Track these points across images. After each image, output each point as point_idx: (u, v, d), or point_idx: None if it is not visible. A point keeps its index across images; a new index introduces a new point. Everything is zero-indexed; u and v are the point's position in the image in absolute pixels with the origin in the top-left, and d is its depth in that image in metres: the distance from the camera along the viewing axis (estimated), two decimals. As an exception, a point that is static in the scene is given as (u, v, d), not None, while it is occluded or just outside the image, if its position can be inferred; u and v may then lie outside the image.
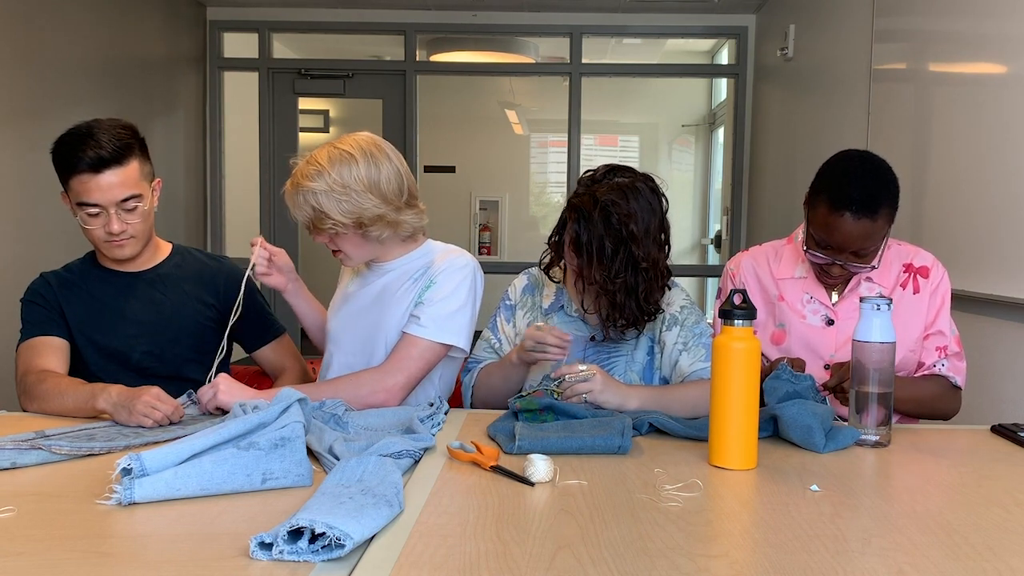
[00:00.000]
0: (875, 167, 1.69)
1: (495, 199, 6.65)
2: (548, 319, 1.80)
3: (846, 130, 3.46)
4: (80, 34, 3.81)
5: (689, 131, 6.78)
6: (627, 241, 1.61)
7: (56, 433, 1.40)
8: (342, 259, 1.74)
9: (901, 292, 1.80)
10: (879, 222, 1.64)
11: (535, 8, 5.10)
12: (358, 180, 1.61)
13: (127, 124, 1.77)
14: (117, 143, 1.70)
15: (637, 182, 1.66)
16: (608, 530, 1.01)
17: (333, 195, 1.60)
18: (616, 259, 1.62)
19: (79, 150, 1.68)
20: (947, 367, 1.78)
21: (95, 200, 1.69)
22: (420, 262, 1.75)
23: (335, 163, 1.61)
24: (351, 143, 1.65)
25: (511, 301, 1.87)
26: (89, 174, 1.68)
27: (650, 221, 1.65)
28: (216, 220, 5.21)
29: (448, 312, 1.67)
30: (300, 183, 1.61)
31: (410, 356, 1.65)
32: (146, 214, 1.77)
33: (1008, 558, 0.94)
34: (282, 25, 5.27)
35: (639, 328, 1.72)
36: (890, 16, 3.13)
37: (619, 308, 1.66)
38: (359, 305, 1.77)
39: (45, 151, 1.76)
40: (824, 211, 1.66)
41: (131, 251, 1.79)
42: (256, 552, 0.90)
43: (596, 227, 1.61)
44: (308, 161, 1.64)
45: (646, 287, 1.66)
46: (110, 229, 1.71)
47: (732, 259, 1.96)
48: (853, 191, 1.62)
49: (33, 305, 1.80)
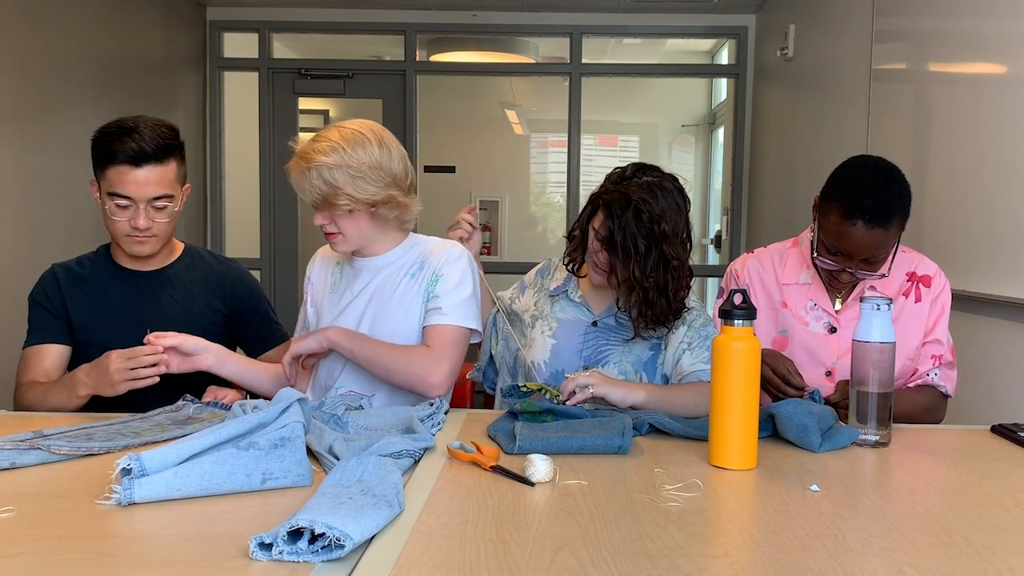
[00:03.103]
0: (889, 176, 1.67)
1: (495, 199, 6.64)
2: (554, 301, 1.85)
3: (846, 130, 3.45)
4: (80, 34, 3.81)
5: (689, 131, 6.77)
6: (659, 240, 1.64)
7: (55, 433, 1.40)
8: (336, 242, 1.70)
9: (903, 301, 1.80)
10: (891, 231, 1.63)
11: (535, 8, 5.10)
12: (373, 158, 1.62)
13: (172, 126, 1.80)
14: (160, 141, 1.73)
15: (664, 181, 1.69)
16: (608, 530, 1.00)
17: (349, 170, 1.60)
18: (649, 258, 1.64)
19: (122, 141, 1.70)
20: (939, 376, 1.78)
21: (128, 193, 1.71)
22: (411, 256, 1.76)
23: (349, 141, 1.61)
24: (360, 125, 1.66)
25: (525, 283, 1.96)
26: (128, 166, 1.70)
27: (677, 220, 1.68)
28: (216, 220, 5.20)
29: (463, 299, 1.71)
30: (312, 158, 1.60)
31: (449, 343, 1.66)
32: (173, 215, 1.80)
33: (1008, 558, 0.94)
34: (282, 25, 5.26)
35: (668, 326, 1.74)
36: (890, 16, 3.12)
37: (651, 305, 1.68)
38: (355, 310, 1.74)
39: (45, 151, 1.78)
40: (836, 219, 1.65)
41: (151, 249, 1.81)
42: (256, 552, 0.90)
43: (629, 225, 1.63)
44: (317, 139, 1.63)
45: (675, 285, 1.68)
46: (136, 224, 1.74)
47: (736, 260, 1.96)
48: (867, 200, 1.61)
49: (38, 307, 1.83)
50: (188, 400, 1.63)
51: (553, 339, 1.78)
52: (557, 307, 1.83)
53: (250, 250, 5.22)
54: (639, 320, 1.71)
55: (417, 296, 1.73)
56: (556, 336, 1.79)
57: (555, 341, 1.78)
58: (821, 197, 1.72)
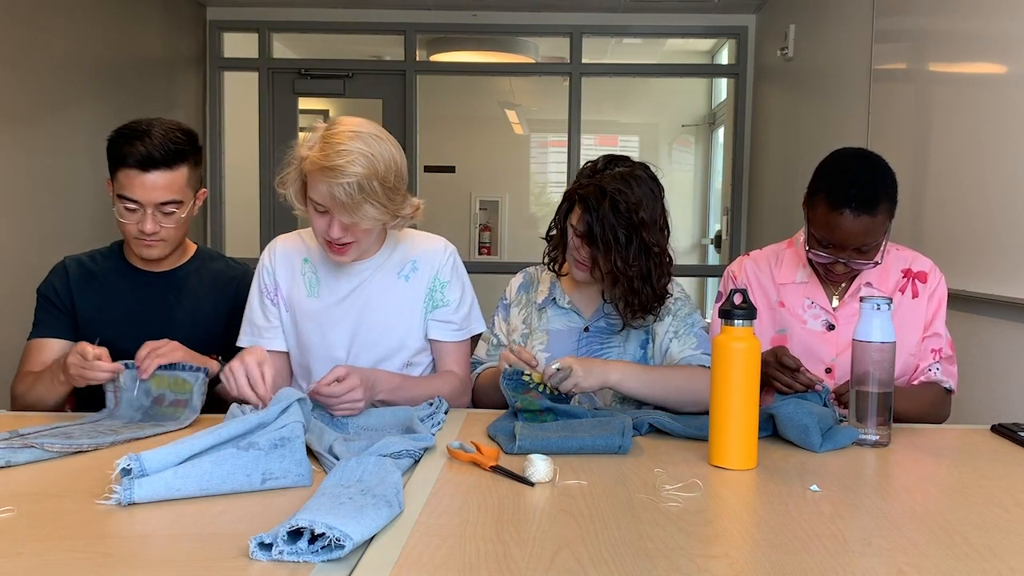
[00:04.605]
0: (871, 163, 1.71)
1: (495, 199, 6.64)
2: (543, 313, 1.83)
3: (846, 130, 3.45)
4: (79, 34, 3.81)
5: (689, 131, 6.77)
6: (639, 228, 1.65)
7: (32, 432, 1.41)
8: (348, 253, 1.64)
9: (900, 297, 1.80)
10: (879, 217, 1.65)
11: (535, 8, 5.10)
12: (399, 165, 1.60)
13: (188, 130, 1.78)
14: (170, 146, 1.71)
15: (637, 170, 1.70)
16: (608, 530, 1.00)
17: (387, 187, 1.56)
18: (630, 247, 1.65)
19: (132, 144, 1.69)
20: (940, 371, 1.78)
21: (136, 196, 1.71)
22: (398, 255, 1.75)
23: (378, 153, 1.54)
24: (370, 126, 1.59)
25: (507, 300, 1.91)
26: (136, 170, 1.69)
27: (654, 208, 1.69)
28: (216, 220, 5.21)
29: (468, 305, 1.79)
30: (349, 171, 1.50)
31: (466, 359, 1.80)
32: (182, 221, 1.79)
33: (1008, 558, 0.94)
34: (282, 25, 5.26)
35: (654, 314, 1.74)
36: (890, 16, 3.12)
37: (636, 294, 1.68)
38: (346, 316, 1.71)
39: (44, 152, 1.78)
40: (823, 210, 1.67)
41: (159, 253, 1.80)
42: (256, 552, 0.90)
43: (607, 217, 1.63)
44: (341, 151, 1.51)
45: (658, 272, 1.69)
46: (143, 228, 1.73)
47: (733, 263, 1.97)
48: (851, 188, 1.63)
49: (46, 301, 1.84)
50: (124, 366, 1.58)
51: (546, 352, 1.77)
52: (546, 318, 1.82)
53: (250, 250, 5.22)
54: (627, 311, 1.71)
55: (416, 299, 1.73)
56: (549, 348, 1.78)
57: (548, 354, 1.76)
58: (808, 192, 1.74)
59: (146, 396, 1.59)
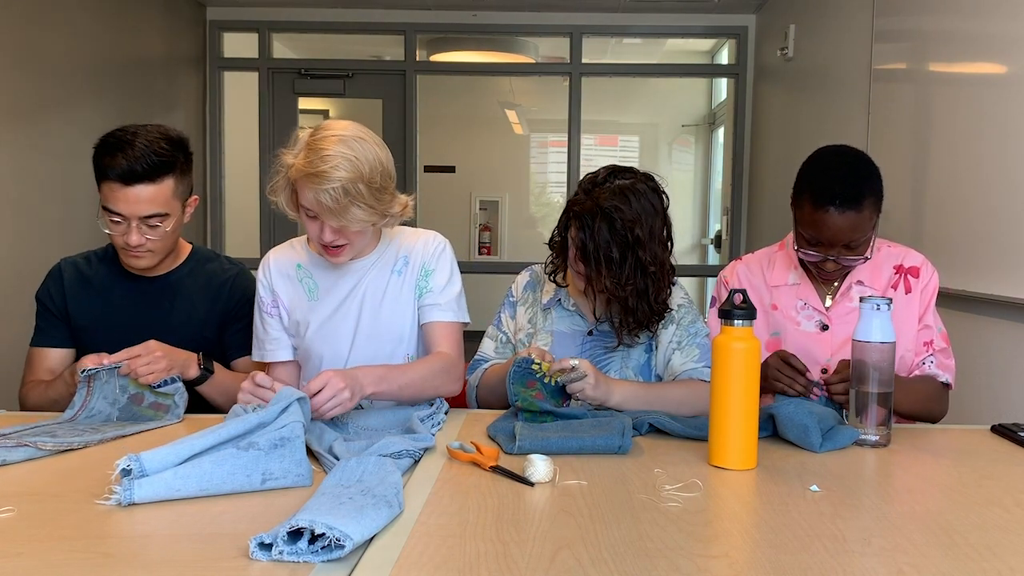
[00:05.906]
0: (853, 158, 1.71)
1: (495, 199, 6.63)
2: (548, 313, 1.82)
3: (846, 130, 3.45)
4: (79, 34, 3.81)
5: (689, 131, 6.77)
6: (633, 246, 1.61)
7: (12, 431, 1.41)
8: (343, 254, 1.66)
9: (893, 293, 1.80)
10: (865, 212, 1.65)
11: (535, 8, 5.10)
12: (385, 166, 1.60)
13: (174, 138, 1.72)
14: (154, 158, 1.65)
15: (638, 183, 1.66)
16: (608, 530, 1.00)
17: (374, 188, 1.56)
18: (625, 265, 1.62)
19: (114, 157, 1.64)
20: (935, 364, 1.78)
21: (119, 210, 1.67)
22: (391, 252, 1.76)
23: (362, 156, 1.54)
24: (354, 129, 1.59)
25: (513, 298, 1.89)
26: (118, 184, 1.65)
27: (654, 222, 1.65)
28: (216, 220, 5.21)
29: (456, 293, 1.75)
30: (333, 176, 1.51)
31: (456, 342, 1.73)
32: (168, 233, 1.74)
33: (1008, 558, 0.94)
34: (282, 25, 5.26)
35: (652, 330, 1.73)
36: (890, 16, 3.12)
37: (631, 312, 1.67)
38: (348, 316, 1.73)
39: (44, 151, 1.77)
40: (809, 208, 1.67)
41: (147, 263, 1.78)
42: (256, 552, 0.90)
43: (601, 234, 1.60)
44: (324, 157, 1.52)
45: (655, 288, 1.67)
46: (128, 240, 1.70)
47: (726, 267, 1.98)
48: (834, 185, 1.64)
49: (43, 308, 1.84)
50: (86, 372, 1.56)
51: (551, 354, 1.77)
52: (551, 319, 1.81)
53: (250, 250, 5.22)
54: (621, 328, 1.70)
55: (408, 292, 1.74)
56: (553, 350, 1.76)
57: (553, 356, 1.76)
58: (793, 192, 1.75)
59: (122, 392, 1.60)
